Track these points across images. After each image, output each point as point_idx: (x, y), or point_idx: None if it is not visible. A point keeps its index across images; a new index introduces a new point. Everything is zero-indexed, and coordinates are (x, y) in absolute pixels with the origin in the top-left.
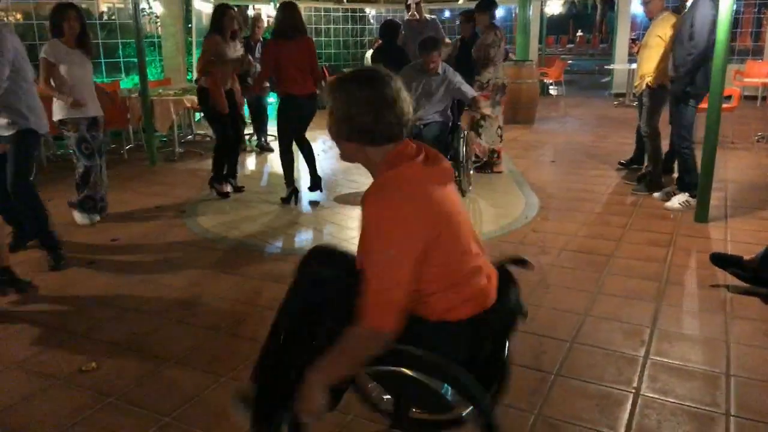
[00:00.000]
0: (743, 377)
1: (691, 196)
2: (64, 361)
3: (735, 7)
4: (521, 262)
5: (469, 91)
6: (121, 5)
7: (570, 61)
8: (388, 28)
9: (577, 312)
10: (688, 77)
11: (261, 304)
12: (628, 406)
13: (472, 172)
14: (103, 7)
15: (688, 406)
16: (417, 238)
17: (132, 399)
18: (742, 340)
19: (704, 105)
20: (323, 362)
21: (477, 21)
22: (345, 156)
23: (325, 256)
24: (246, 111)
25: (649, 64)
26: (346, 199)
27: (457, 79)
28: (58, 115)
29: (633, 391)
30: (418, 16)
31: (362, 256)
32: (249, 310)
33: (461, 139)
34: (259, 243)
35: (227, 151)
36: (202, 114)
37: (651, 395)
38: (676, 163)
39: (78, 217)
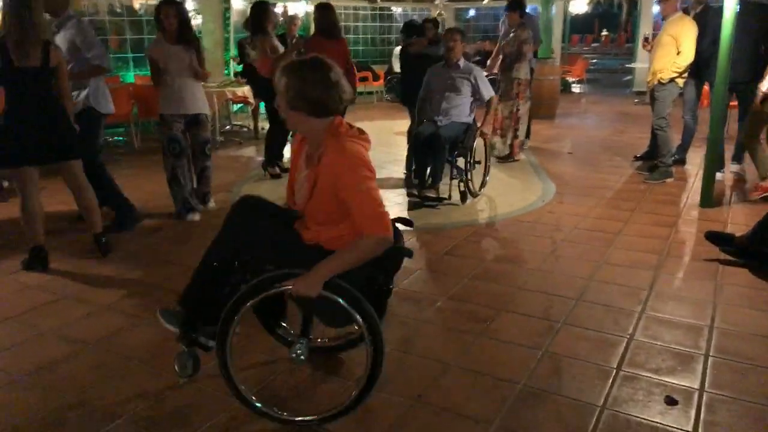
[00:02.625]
0: (724, 328)
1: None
2: (147, 305)
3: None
4: (406, 222)
5: (488, 92)
6: (153, 1)
7: (594, 60)
8: (409, 28)
9: (583, 277)
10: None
11: None
12: (622, 348)
13: (488, 178)
14: (136, 4)
15: (673, 347)
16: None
17: None
18: (728, 301)
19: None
20: (332, 262)
21: (508, 19)
22: (291, 124)
23: (253, 204)
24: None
25: (661, 61)
26: None
27: (482, 79)
28: (159, 110)
29: (627, 336)
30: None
31: (335, 196)
32: None
33: (474, 140)
34: None
35: (279, 137)
36: (267, 108)
37: (642, 339)
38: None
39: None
